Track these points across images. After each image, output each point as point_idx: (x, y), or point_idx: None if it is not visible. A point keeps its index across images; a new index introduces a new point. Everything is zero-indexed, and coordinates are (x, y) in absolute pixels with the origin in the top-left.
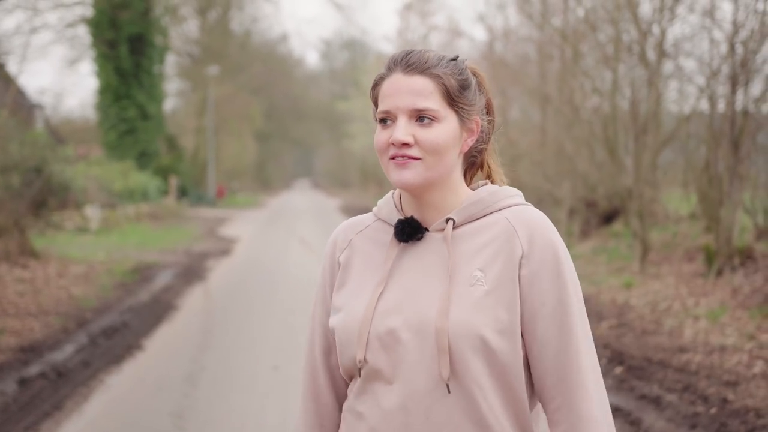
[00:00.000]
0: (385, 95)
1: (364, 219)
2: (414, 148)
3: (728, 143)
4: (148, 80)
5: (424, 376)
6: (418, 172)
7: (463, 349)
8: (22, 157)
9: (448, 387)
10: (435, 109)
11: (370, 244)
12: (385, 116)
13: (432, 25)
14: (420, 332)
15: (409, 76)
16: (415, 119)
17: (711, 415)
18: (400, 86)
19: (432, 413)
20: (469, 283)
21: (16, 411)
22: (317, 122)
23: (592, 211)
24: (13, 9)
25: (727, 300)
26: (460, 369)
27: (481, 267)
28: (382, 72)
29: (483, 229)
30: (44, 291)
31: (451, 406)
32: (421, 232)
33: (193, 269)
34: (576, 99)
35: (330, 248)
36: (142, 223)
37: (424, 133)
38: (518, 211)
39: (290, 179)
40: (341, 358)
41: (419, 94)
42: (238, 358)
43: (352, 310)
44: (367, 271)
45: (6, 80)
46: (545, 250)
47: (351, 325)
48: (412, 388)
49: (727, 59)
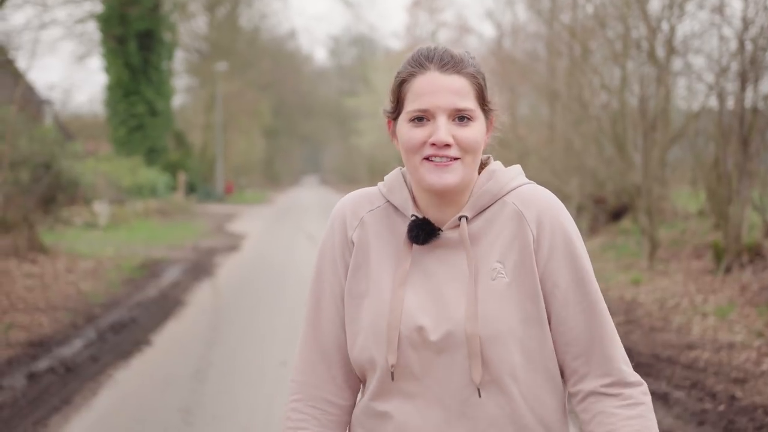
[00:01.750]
0: (421, 93)
1: (372, 196)
2: (453, 148)
3: (737, 140)
4: (157, 76)
5: (457, 375)
6: (458, 173)
7: (495, 347)
8: (31, 153)
9: (479, 391)
10: (472, 108)
11: (383, 230)
12: (420, 114)
13: (441, 21)
14: (450, 334)
15: (447, 74)
16: (452, 119)
17: (719, 412)
18: (439, 85)
19: (468, 408)
20: (491, 277)
21: (25, 405)
22: (325, 119)
23: (601, 207)
24: (23, 4)
25: (736, 297)
26: (493, 367)
27: (500, 258)
28: (412, 68)
29: (493, 218)
30: (53, 286)
31: (486, 402)
32: (436, 234)
33: (201, 265)
34: (585, 96)
35: (338, 223)
36: (151, 219)
37: (463, 133)
38: (523, 193)
39: (298, 175)
40: (360, 353)
41: (458, 93)
42: (245, 353)
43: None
44: (385, 263)
45: (15, 76)
46: (554, 230)
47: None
48: (446, 386)
49: (736, 56)
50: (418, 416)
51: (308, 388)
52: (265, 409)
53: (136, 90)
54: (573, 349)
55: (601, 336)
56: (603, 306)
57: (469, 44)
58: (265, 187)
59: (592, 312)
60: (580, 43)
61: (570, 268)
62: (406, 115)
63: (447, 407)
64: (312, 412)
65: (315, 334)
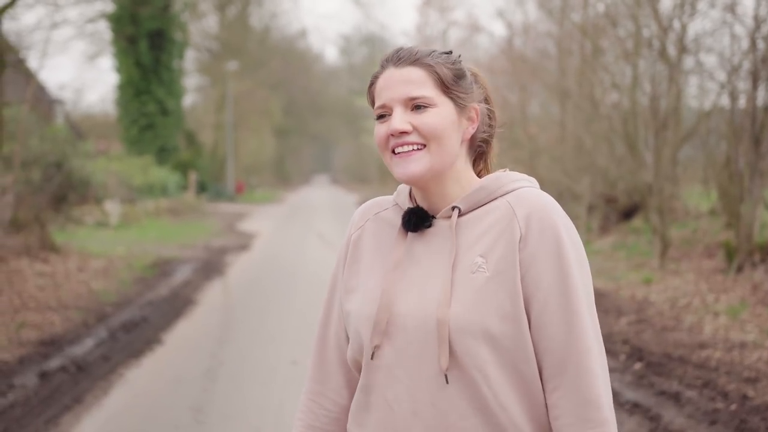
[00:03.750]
0: (380, 90)
1: (384, 201)
2: (413, 134)
3: (749, 139)
4: (168, 76)
5: (428, 364)
6: (423, 162)
7: (464, 338)
8: (43, 152)
9: (446, 377)
10: (429, 96)
11: (382, 227)
12: (382, 111)
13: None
14: (424, 321)
15: (401, 68)
16: (410, 108)
17: (731, 411)
18: (392, 79)
19: (437, 400)
20: (471, 270)
21: (37, 404)
22: (336, 118)
23: (612, 206)
24: (34, 4)
25: (748, 296)
26: (462, 358)
27: (483, 253)
28: (376, 71)
29: (486, 215)
30: (64, 285)
31: (455, 394)
32: (428, 221)
33: (212, 264)
34: (596, 94)
35: (349, 226)
36: (162, 218)
37: (420, 118)
38: (520, 194)
39: (309, 174)
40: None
41: (411, 82)
42: (256, 352)
43: (363, 293)
44: (377, 256)
45: (27, 75)
46: (543, 230)
47: (360, 309)
48: (418, 375)
49: (748, 55)
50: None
51: (311, 383)
52: (276, 408)
53: (147, 89)
54: (548, 358)
55: (578, 352)
56: (587, 322)
57: (480, 43)
58: (275, 186)
59: (573, 324)
60: (591, 42)
61: (556, 272)
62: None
63: (417, 397)
64: (310, 406)
65: (323, 331)
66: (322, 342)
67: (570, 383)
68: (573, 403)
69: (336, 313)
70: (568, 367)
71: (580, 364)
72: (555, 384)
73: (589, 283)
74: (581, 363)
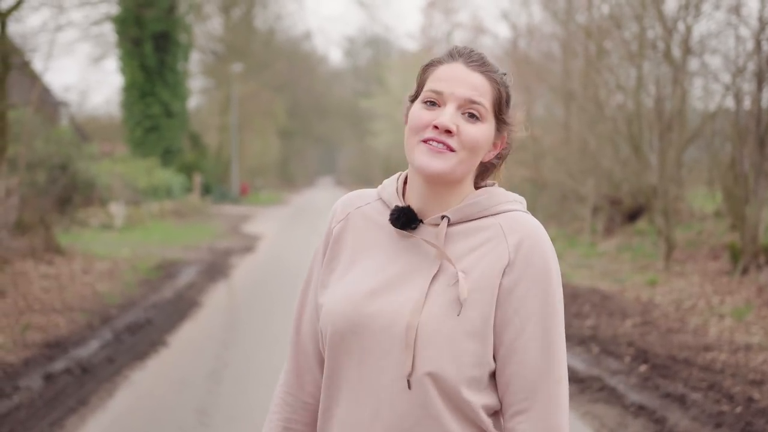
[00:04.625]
0: (441, 78)
1: (366, 195)
2: (454, 138)
3: (754, 141)
4: (173, 78)
5: (392, 366)
6: (449, 163)
7: (429, 346)
8: (48, 154)
9: (408, 383)
10: (486, 107)
11: (365, 223)
12: (434, 97)
13: (456, 22)
14: (393, 324)
15: (471, 69)
16: (462, 111)
17: (736, 414)
18: (459, 75)
19: (396, 402)
20: (449, 283)
21: (42, 406)
22: (340, 120)
23: (617, 208)
24: (39, 6)
25: (753, 298)
26: (422, 366)
27: (465, 269)
28: (441, 57)
29: (475, 231)
30: (69, 287)
31: (413, 399)
32: (415, 222)
33: (216, 266)
34: (600, 96)
35: (330, 216)
36: (166, 220)
37: (469, 127)
38: (512, 218)
39: (313, 176)
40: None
41: (476, 88)
42: (261, 354)
43: (338, 290)
44: (357, 251)
45: (31, 77)
46: (532, 259)
47: (332, 306)
48: (381, 375)
49: (753, 56)
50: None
51: (288, 376)
52: None
53: (151, 91)
54: (517, 383)
55: (552, 381)
56: (562, 352)
57: (485, 45)
58: (280, 188)
59: (550, 353)
60: (595, 44)
61: (537, 301)
62: (422, 96)
63: (379, 398)
64: (287, 399)
65: (297, 323)
66: (297, 335)
67: (538, 410)
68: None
69: (311, 306)
70: (538, 394)
71: (551, 393)
72: (519, 408)
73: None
74: (552, 392)
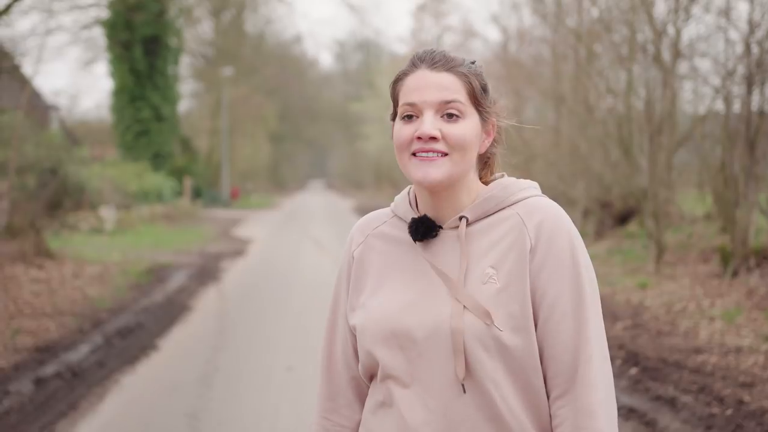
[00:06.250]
0: (411, 89)
1: (381, 215)
2: (440, 142)
3: (744, 144)
4: (163, 81)
5: (440, 375)
6: (444, 169)
7: (477, 348)
8: (38, 159)
9: (463, 387)
10: (462, 103)
11: (386, 242)
12: (409, 110)
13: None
14: (435, 332)
15: (436, 72)
16: (440, 115)
17: (727, 416)
18: (427, 81)
19: (449, 411)
20: (482, 281)
21: (32, 410)
22: (331, 123)
23: (607, 211)
24: (29, 10)
25: (743, 301)
26: (475, 368)
27: (494, 264)
28: (405, 68)
29: (496, 225)
30: (60, 291)
31: (468, 404)
32: (435, 230)
33: (207, 270)
34: (590, 99)
35: (348, 244)
36: (157, 224)
37: (451, 128)
38: (529, 204)
39: (304, 180)
40: (362, 356)
41: (446, 88)
42: (252, 358)
43: (372, 309)
44: (384, 270)
45: (21, 81)
46: (553, 239)
47: (371, 325)
48: (430, 386)
49: (742, 59)
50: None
51: (323, 401)
52: (272, 414)
53: (142, 95)
54: (554, 366)
55: (583, 360)
56: (595, 330)
57: (475, 48)
58: (270, 192)
59: (581, 332)
60: (585, 47)
61: (567, 279)
62: (399, 113)
63: (430, 408)
64: (324, 424)
65: (328, 349)
66: (329, 360)
67: (573, 392)
68: (573, 412)
69: (341, 331)
70: (573, 375)
71: (584, 373)
72: (559, 392)
73: (597, 290)
74: (582, 371)
